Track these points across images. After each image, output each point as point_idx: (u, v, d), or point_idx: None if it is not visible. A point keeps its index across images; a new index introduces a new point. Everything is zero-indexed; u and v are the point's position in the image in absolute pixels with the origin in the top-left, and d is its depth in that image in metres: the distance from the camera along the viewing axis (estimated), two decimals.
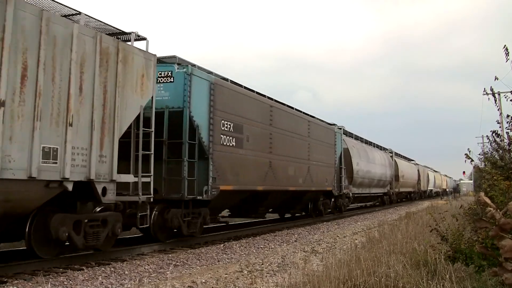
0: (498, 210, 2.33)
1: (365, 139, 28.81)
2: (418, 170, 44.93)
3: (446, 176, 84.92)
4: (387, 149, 34.80)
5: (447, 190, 79.40)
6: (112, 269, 7.69)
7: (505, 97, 7.85)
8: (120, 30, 8.80)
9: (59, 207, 7.49)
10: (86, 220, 7.75)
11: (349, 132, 24.86)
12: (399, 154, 39.40)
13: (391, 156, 34.17)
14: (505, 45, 5.86)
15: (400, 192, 36.46)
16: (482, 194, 2.55)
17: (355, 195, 23.91)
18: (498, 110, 8.65)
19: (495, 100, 8.13)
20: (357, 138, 27.03)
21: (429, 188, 54.55)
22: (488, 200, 2.39)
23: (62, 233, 7.24)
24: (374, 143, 31.40)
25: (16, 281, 6.52)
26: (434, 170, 66.19)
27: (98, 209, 8.03)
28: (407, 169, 39.25)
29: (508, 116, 7.73)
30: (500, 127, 11.05)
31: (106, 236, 8.14)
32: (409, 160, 45.56)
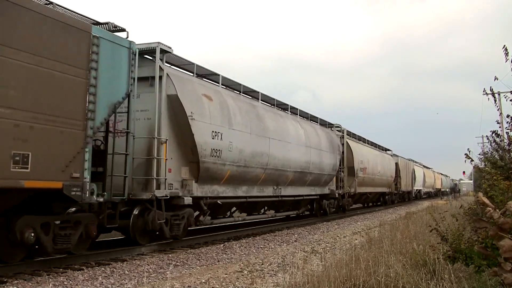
0: (497, 210, 2.33)
1: (262, 94, 14.76)
2: (396, 164, 33.58)
3: (440, 174, 73.16)
4: (332, 125, 21.17)
5: (443, 190, 70.07)
6: (112, 269, 7.69)
7: (505, 97, 7.85)
8: None
9: None
10: None
11: (198, 67, 11.68)
12: (356, 136, 25.62)
13: (341, 137, 21.47)
14: (504, 45, 5.85)
15: (362, 193, 24.89)
16: (480, 194, 2.55)
17: (223, 201, 12.14)
18: (498, 110, 8.65)
19: (495, 100, 8.14)
20: (228, 85, 13.25)
21: (415, 188, 43.14)
22: (486, 200, 2.39)
23: None
24: (296, 109, 17.29)
25: (16, 281, 6.53)
26: (424, 166, 53.67)
27: None
28: (375, 160, 26.94)
29: (508, 116, 7.73)
30: (500, 127, 11.06)
31: None
32: (382, 148, 32.25)
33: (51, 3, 7.57)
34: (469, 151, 7.61)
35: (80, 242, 7.99)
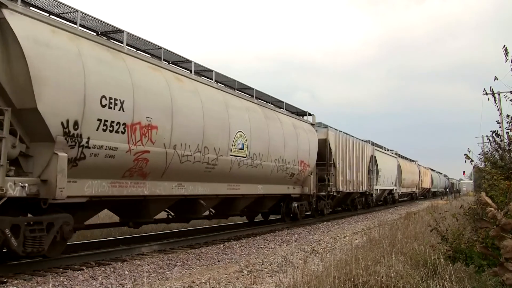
0: (500, 211, 2.33)
1: None
2: (325, 142, 18.46)
3: (431, 169, 56.73)
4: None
5: (434, 191, 58.16)
6: (112, 269, 7.69)
7: (505, 97, 7.84)
8: None
9: None
10: None
11: None
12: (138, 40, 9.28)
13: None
14: (504, 45, 5.84)
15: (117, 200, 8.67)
16: (483, 194, 2.55)
17: None
18: (498, 110, 8.64)
19: (495, 100, 8.12)
20: None
21: (378, 188, 27.62)
22: (489, 201, 2.39)
23: None
24: None
25: (16, 281, 6.52)
26: (400, 155, 37.20)
27: None
28: (221, 116, 11.12)
29: (508, 116, 7.71)
30: (500, 127, 11.05)
31: None
32: (274, 104, 15.45)
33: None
34: (469, 151, 7.60)
35: None
